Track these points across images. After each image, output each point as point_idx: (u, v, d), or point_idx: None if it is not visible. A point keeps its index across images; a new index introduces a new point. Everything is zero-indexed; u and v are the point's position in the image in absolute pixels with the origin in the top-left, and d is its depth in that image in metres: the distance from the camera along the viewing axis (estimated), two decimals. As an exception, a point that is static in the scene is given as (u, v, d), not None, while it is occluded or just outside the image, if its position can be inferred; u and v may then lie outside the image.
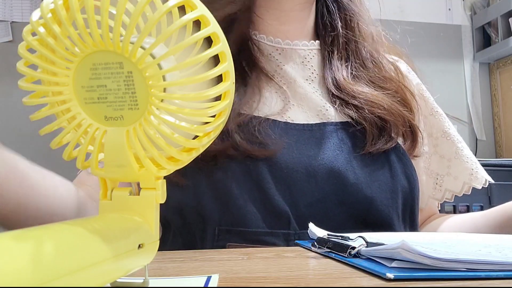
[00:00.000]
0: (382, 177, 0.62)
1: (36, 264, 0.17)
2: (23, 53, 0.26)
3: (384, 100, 0.66)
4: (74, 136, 0.27)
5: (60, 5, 0.24)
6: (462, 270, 0.31)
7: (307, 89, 0.68)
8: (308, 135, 0.62)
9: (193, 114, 0.26)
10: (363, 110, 0.65)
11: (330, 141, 0.62)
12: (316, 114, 0.66)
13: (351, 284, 0.30)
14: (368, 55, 0.73)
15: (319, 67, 0.72)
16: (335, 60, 0.71)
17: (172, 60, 0.26)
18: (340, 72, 0.70)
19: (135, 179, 0.28)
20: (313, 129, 0.63)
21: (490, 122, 2.11)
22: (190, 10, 0.25)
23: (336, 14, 0.74)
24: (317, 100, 0.67)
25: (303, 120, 0.65)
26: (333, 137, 0.63)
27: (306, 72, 0.71)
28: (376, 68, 0.72)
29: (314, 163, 0.60)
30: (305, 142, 0.61)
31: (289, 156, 0.59)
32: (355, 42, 0.73)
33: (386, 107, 0.65)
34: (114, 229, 0.25)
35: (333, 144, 0.62)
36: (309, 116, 0.65)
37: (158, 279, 0.29)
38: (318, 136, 0.63)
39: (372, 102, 0.65)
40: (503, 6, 1.87)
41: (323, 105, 0.66)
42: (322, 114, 0.66)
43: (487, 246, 0.41)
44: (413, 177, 0.65)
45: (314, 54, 0.72)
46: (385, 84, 0.70)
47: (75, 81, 0.26)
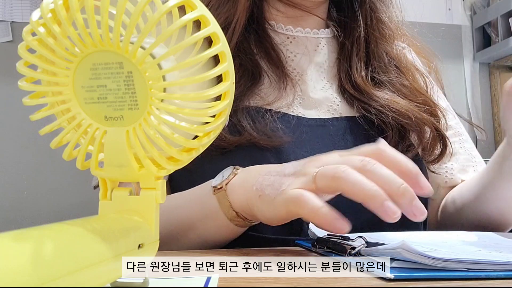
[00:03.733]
0: None
1: (36, 264, 0.17)
2: (23, 53, 0.26)
3: (408, 109, 0.62)
4: (74, 136, 0.27)
5: (60, 5, 0.24)
6: (462, 270, 0.31)
7: (317, 81, 0.65)
8: (322, 132, 0.60)
9: (193, 114, 0.26)
10: (385, 115, 0.61)
11: (343, 140, 0.60)
12: (326, 109, 0.64)
13: (351, 284, 0.30)
14: (392, 59, 0.68)
15: (332, 56, 0.69)
16: (354, 56, 0.67)
17: (172, 60, 0.26)
18: (359, 72, 0.66)
19: (135, 179, 0.28)
20: (326, 125, 0.61)
21: (490, 122, 2.11)
22: (190, 10, 0.25)
23: (357, 7, 0.69)
24: (327, 93, 0.65)
25: (314, 114, 0.62)
26: (347, 134, 0.61)
27: (318, 61, 0.68)
28: (401, 75, 0.67)
29: None
30: (319, 140, 0.59)
31: (300, 155, 0.56)
32: (376, 42, 0.69)
33: (411, 115, 0.61)
34: (114, 229, 0.25)
35: (346, 142, 0.60)
36: (320, 111, 0.63)
37: (158, 279, 0.29)
38: (332, 133, 0.61)
39: (394, 109, 0.62)
40: (503, 6, 1.87)
41: (334, 100, 0.64)
42: (333, 109, 0.63)
43: (487, 246, 0.41)
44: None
45: (326, 43, 0.69)
46: (412, 95, 0.65)
47: (75, 81, 0.26)
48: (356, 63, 0.66)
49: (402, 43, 0.75)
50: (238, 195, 0.45)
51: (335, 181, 0.37)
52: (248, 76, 0.62)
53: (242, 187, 0.45)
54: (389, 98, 0.63)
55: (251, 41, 0.65)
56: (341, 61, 0.68)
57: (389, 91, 0.65)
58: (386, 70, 0.67)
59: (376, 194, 0.35)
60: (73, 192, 1.55)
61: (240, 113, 0.58)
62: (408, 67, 0.69)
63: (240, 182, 0.45)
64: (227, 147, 0.56)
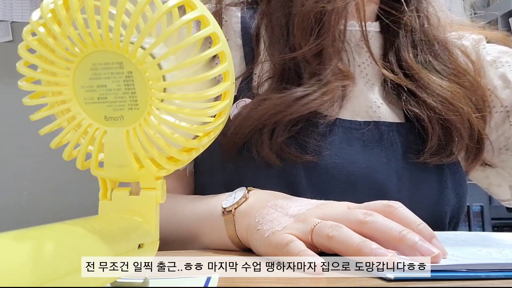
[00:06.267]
0: (428, 193, 0.56)
1: (36, 264, 0.17)
2: (23, 53, 0.26)
3: (460, 102, 0.56)
4: (74, 136, 0.27)
5: (60, 5, 0.24)
6: (462, 270, 0.31)
7: (358, 79, 0.59)
8: (355, 136, 0.56)
9: (193, 114, 0.26)
10: (433, 108, 0.56)
11: (379, 146, 0.56)
12: (365, 111, 0.58)
13: (351, 284, 0.30)
14: (441, 46, 0.62)
15: (377, 52, 0.62)
16: (401, 43, 0.61)
17: (172, 60, 0.26)
18: (407, 54, 0.60)
19: (135, 179, 0.28)
20: (361, 129, 0.56)
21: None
22: (190, 10, 0.25)
23: None
24: (369, 94, 0.59)
25: (349, 116, 0.57)
26: (383, 140, 0.56)
27: (360, 57, 0.61)
28: (449, 61, 0.61)
29: (357, 172, 0.53)
30: (350, 144, 0.55)
31: (330, 160, 0.53)
32: (424, 32, 0.62)
33: (461, 111, 0.56)
34: (114, 229, 0.25)
35: (381, 151, 0.56)
36: (357, 112, 0.58)
37: (158, 279, 0.29)
38: (366, 138, 0.56)
39: (447, 100, 0.56)
40: (503, 6, 1.87)
41: (375, 101, 0.59)
42: (372, 111, 0.58)
43: (487, 246, 0.41)
44: (464, 195, 0.59)
45: (372, 36, 0.63)
46: (459, 79, 0.59)
47: (75, 81, 0.26)
48: (405, 49, 0.60)
49: (472, 34, 0.68)
50: (242, 223, 0.44)
51: (328, 240, 0.35)
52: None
53: (248, 214, 0.44)
54: (443, 84, 0.57)
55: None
56: (390, 51, 0.61)
57: (439, 78, 0.59)
58: (435, 55, 0.61)
59: (362, 245, 0.33)
60: (73, 192, 1.55)
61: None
62: (453, 50, 0.63)
63: (247, 209, 0.44)
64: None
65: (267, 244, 0.39)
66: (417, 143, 0.57)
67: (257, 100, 0.54)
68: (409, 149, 0.56)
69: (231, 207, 0.45)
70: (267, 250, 0.39)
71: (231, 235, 0.45)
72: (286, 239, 0.37)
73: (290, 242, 0.36)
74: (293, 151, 0.52)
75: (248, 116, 0.52)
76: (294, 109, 0.52)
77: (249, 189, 0.47)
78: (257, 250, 0.42)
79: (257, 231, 0.41)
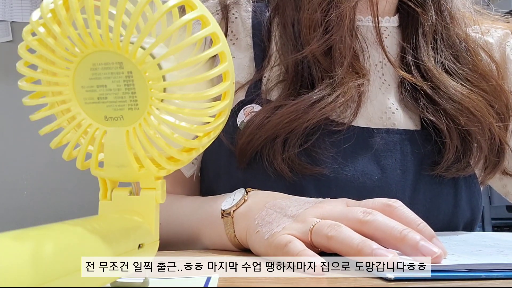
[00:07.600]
0: (443, 207, 0.54)
1: (36, 264, 0.17)
2: (23, 53, 0.26)
3: (482, 112, 0.53)
4: (74, 136, 0.27)
5: (60, 5, 0.24)
6: (462, 270, 0.31)
7: (374, 79, 0.56)
8: (367, 144, 0.53)
9: (193, 114, 0.26)
10: (452, 118, 0.53)
11: (393, 156, 0.53)
12: (379, 117, 0.55)
13: (351, 284, 0.30)
14: (463, 46, 0.58)
15: (394, 50, 0.59)
16: (420, 43, 0.57)
17: (172, 60, 0.26)
18: (426, 55, 0.56)
19: (135, 179, 0.28)
20: (374, 137, 0.53)
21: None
22: (190, 10, 0.25)
23: None
24: (384, 97, 0.56)
25: (363, 122, 0.54)
26: (397, 150, 0.53)
27: (377, 55, 0.58)
28: (471, 63, 0.57)
29: (369, 184, 0.51)
30: (363, 153, 0.52)
31: (341, 172, 0.51)
32: (445, 28, 0.58)
33: (482, 121, 0.53)
34: (114, 229, 0.25)
35: (395, 161, 0.53)
36: (371, 118, 0.55)
37: (158, 279, 0.29)
38: (379, 147, 0.53)
39: (468, 109, 0.53)
40: (503, 6, 1.87)
41: (390, 106, 0.55)
42: (386, 117, 0.55)
43: (487, 246, 0.41)
44: (478, 207, 0.57)
45: (390, 33, 0.59)
46: (481, 83, 0.56)
47: (75, 81, 0.26)
48: (426, 50, 0.57)
49: (498, 29, 0.64)
50: (241, 225, 0.44)
51: (328, 240, 0.35)
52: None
53: (247, 216, 0.43)
54: (464, 91, 0.54)
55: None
56: (408, 50, 0.57)
57: (460, 84, 0.55)
58: (457, 58, 0.57)
59: (362, 245, 0.33)
60: (73, 192, 1.55)
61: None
62: (477, 51, 0.59)
63: (246, 211, 0.44)
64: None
65: (267, 246, 0.39)
66: (433, 154, 0.54)
67: (269, 107, 0.51)
68: (424, 160, 0.54)
69: (230, 209, 0.45)
70: (267, 252, 0.39)
71: (231, 237, 0.45)
72: (286, 240, 0.37)
73: (289, 243, 0.36)
74: (304, 163, 0.50)
75: (261, 125, 0.50)
76: (309, 116, 0.50)
77: (248, 190, 0.47)
78: (257, 252, 0.41)
79: (257, 233, 0.41)
